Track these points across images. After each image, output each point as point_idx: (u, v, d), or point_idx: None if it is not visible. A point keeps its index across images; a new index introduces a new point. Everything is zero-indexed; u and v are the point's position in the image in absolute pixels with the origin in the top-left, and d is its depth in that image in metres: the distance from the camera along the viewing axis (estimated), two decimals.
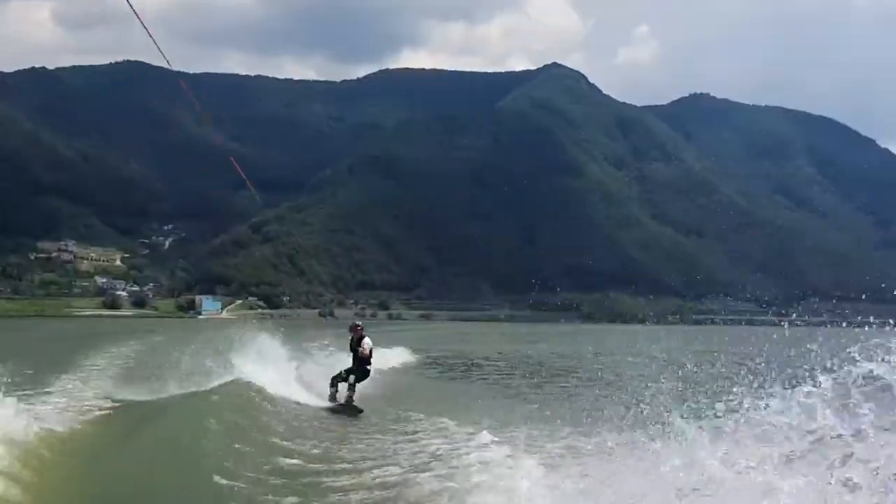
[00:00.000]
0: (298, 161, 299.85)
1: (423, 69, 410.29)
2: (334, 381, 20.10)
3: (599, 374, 28.42)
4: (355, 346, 20.56)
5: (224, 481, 10.51)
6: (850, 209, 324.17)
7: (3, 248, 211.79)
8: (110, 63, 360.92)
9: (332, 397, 20.00)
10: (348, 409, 19.51)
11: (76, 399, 19.89)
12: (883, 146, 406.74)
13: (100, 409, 18.07)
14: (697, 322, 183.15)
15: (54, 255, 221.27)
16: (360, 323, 21.67)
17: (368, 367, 20.53)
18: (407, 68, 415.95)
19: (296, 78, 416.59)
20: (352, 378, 19.94)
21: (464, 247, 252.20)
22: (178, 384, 20.00)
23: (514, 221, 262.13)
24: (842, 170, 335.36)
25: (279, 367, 23.26)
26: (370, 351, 20.40)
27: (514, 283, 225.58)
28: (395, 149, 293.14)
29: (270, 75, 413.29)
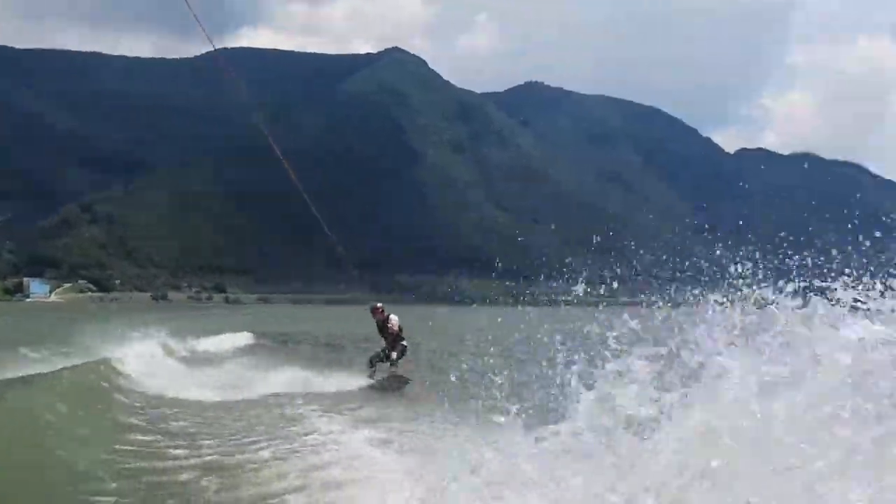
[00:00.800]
0: (133, 140, 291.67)
1: (263, 48, 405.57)
2: (372, 362, 20.39)
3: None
4: (383, 325, 20.68)
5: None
6: (673, 196, 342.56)
7: None
8: None
9: (372, 376, 20.20)
10: (396, 381, 19.92)
11: None
12: (705, 135, 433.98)
13: None
14: (531, 304, 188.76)
15: None
16: (380, 304, 21.24)
17: (404, 343, 20.69)
18: (246, 47, 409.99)
19: (130, 55, 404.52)
20: (394, 355, 20.17)
21: (304, 230, 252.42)
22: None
23: (356, 205, 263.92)
24: (667, 158, 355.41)
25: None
26: (399, 327, 20.44)
27: (351, 267, 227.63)
28: (234, 128, 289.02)
29: (105, 52, 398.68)
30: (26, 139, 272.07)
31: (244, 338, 38.98)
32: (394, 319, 20.58)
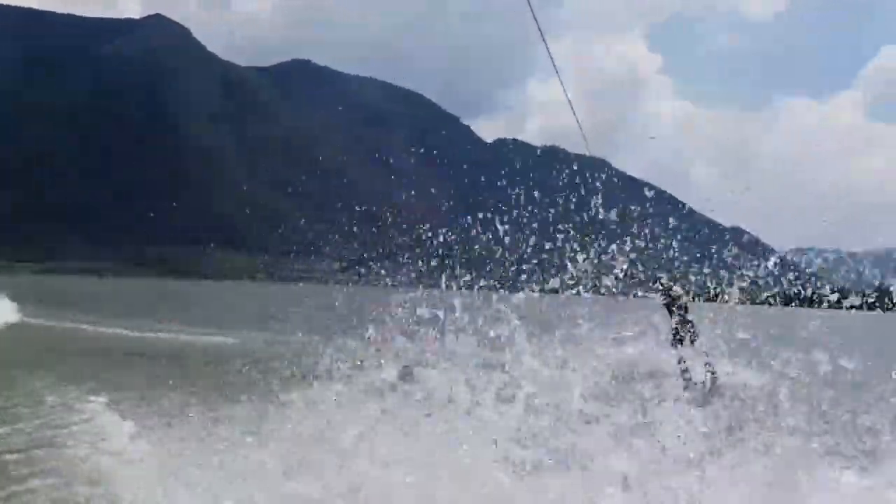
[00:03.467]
0: None
1: (21, 7, 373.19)
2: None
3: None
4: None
5: None
6: (434, 179, 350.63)
7: None
8: None
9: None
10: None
11: None
12: (465, 123, 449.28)
13: None
14: (283, 280, 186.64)
15: None
16: None
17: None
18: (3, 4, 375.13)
19: None
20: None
21: (54, 199, 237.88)
22: None
23: (114, 175, 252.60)
24: (432, 142, 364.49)
25: None
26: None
27: (109, 239, 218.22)
28: None
29: None
30: None
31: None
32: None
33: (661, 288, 8.44)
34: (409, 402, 7.03)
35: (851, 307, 7.34)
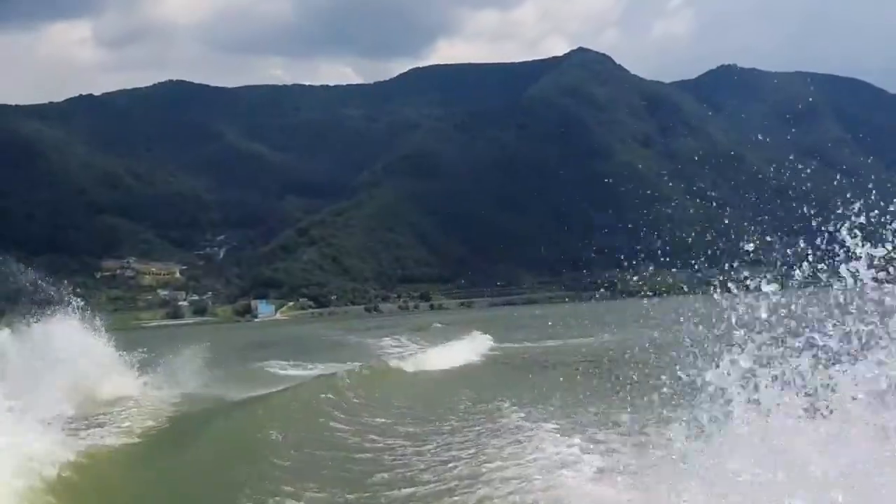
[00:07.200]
0: (338, 165, 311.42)
1: (453, 64, 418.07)
2: None
3: None
4: None
5: None
6: (881, 167, 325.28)
7: (69, 269, 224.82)
8: (154, 84, 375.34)
9: None
10: None
11: None
12: None
13: None
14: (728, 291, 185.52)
15: (118, 272, 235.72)
16: None
17: None
18: (438, 65, 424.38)
19: (331, 84, 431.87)
20: None
21: (498, 236, 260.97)
22: None
23: (545, 208, 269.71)
24: (871, 129, 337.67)
25: None
26: None
27: (549, 267, 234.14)
28: (428, 146, 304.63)
29: (307, 82, 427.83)
30: (242, 172, 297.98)
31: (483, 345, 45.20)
32: None
33: None
34: None
35: None
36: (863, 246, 7.85)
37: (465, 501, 10.74)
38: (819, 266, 8.34)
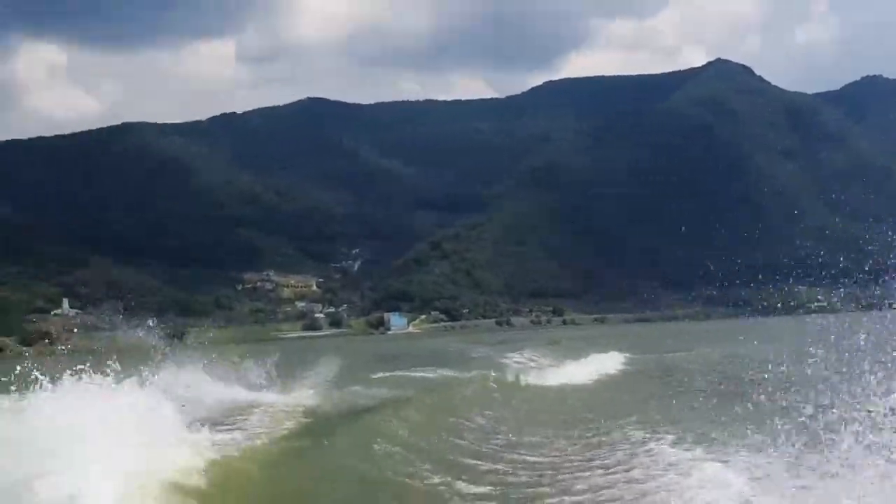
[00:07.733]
0: (469, 179, 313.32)
1: (586, 77, 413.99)
2: None
3: None
4: None
5: None
6: None
7: (214, 281, 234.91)
8: (292, 102, 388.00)
9: None
10: None
11: None
12: None
13: None
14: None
15: (258, 284, 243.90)
16: None
17: None
18: (571, 77, 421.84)
19: (464, 98, 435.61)
20: None
21: (631, 250, 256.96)
22: None
23: (680, 222, 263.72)
24: None
25: None
26: None
27: (684, 283, 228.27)
28: (560, 159, 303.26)
29: (441, 97, 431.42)
30: (376, 187, 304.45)
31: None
32: None
33: None
34: None
35: None
36: None
37: None
38: None
